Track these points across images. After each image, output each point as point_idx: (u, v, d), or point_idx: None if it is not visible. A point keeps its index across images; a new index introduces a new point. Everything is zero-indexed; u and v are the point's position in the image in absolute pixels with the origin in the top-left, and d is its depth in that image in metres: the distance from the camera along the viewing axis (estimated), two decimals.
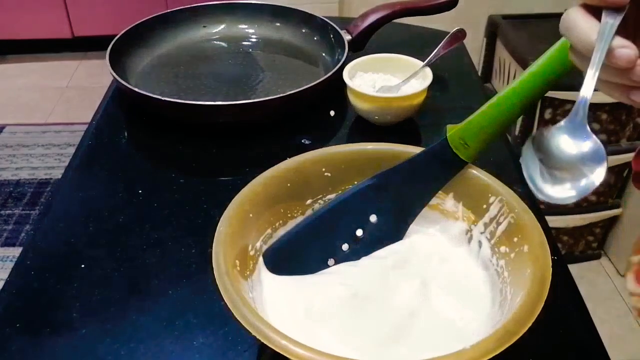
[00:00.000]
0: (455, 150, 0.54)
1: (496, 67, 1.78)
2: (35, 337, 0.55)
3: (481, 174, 0.55)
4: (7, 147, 2.15)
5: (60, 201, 0.72)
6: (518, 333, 0.42)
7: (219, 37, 1.03)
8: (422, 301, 0.51)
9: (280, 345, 0.41)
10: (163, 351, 0.54)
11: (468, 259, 0.56)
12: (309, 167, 0.58)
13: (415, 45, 0.95)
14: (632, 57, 0.37)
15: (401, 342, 0.48)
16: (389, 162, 0.57)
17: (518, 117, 0.52)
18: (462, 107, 0.85)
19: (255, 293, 0.51)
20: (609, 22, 0.38)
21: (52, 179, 1.99)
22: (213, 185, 0.74)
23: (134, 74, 0.92)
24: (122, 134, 0.85)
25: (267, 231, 0.55)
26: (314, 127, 0.83)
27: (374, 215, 0.57)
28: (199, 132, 0.82)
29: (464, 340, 0.43)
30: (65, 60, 2.64)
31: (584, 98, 0.40)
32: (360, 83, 0.82)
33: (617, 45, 0.37)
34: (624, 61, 0.37)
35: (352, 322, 0.50)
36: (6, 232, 1.80)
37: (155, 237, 0.65)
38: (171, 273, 0.61)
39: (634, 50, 0.37)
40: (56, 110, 2.35)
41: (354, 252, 0.57)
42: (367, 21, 0.95)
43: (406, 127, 0.82)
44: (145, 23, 0.98)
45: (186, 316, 0.56)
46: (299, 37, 1.01)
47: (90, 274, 0.61)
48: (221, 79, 0.94)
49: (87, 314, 0.57)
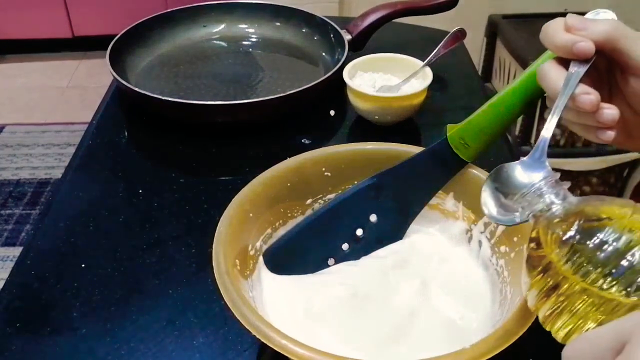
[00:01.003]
0: (456, 150, 0.54)
1: (496, 67, 1.78)
2: (35, 336, 0.55)
3: (481, 174, 0.55)
4: (7, 147, 2.15)
5: (61, 201, 0.72)
6: (518, 333, 0.42)
7: (219, 36, 1.03)
8: (422, 301, 0.51)
9: (281, 345, 0.41)
10: (163, 351, 0.54)
11: (468, 259, 0.56)
12: (309, 167, 0.58)
13: (416, 45, 0.95)
14: (595, 101, 0.42)
15: (401, 342, 0.48)
16: (389, 161, 0.57)
17: (518, 117, 0.52)
18: (462, 107, 0.85)
19: (255, 292, 0.51)
20: (574, 71, 0.44)
21: (52, 179, 1.99)
22: (213, 185, 0.74)
23: (134, 73, 0.92)
24: (122, 134, 0.85)
25: (267, 231, 0.55)
26: (314, 127, 0.83)
27: (374, 214, 0.57)
28: (199, 132, 0.82)
29: (463, 340, 0.43)
30: (65, 60, 2.63)
31: (544, 138, 0.44)
32: (360, 83, 0.82)
33: (580, 92, 0.43)
34: (587, 105, 0.42)
35: (352, 322, 0.50)
36: (6, 232, 1.80)
37: (155, 237, 0.65)
38: (171, 273, 0.61)
39: (596, 96, 0.43)
40: (56, 110, 2.34)
41: (354, 251, 0.57)
42: (367, 21, 0.95)
43: (406, 127, 0.82)
44: (145, 23, 0.98)
45: (186, 316, 0.56)
46: (299, 36, 1.01)
47: (91, 273, 0.61)
48: (221, 78, 0.94)
49: (87, 313, 0.57)
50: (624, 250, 0.34)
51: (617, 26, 0.44)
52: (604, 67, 0.47)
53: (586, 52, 0.43)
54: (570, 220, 0.37)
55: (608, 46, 0.43)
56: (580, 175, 1.57)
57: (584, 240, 0.35)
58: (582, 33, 0.44)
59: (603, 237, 0.35)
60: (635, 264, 0.33)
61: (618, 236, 0.34)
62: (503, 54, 1.69)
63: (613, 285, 0.33)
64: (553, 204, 0.40)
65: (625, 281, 0.33)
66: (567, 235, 0.37)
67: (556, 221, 0.38)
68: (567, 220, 0.38)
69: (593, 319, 0.34)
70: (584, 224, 0.36)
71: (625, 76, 0.45)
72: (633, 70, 0.44)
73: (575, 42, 0.43)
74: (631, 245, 0.34)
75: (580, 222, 0.37)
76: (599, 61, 0.46)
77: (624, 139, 0.48)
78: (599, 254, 0.34)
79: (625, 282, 0.33)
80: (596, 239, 0.35)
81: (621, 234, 0.34)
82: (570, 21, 0.44)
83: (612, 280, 0.33)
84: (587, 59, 0.44)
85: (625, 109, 0.46)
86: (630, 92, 0.45)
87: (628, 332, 0.27)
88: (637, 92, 0.44)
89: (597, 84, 0.46)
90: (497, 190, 0.44)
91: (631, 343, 0.27)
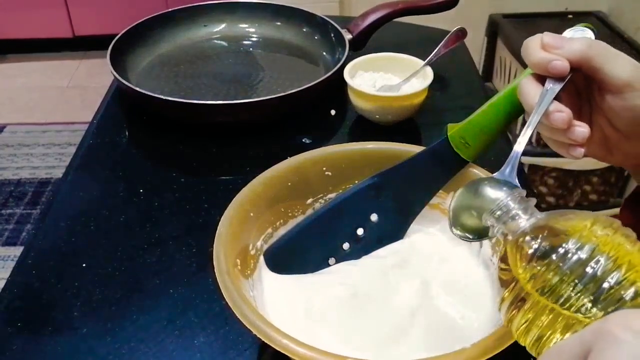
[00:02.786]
0: (456, 150, 0.54)
1: (497, 66, 1.78)
2: (36, 336, 0.55)
3: (482, 173, 0.55)
4: (8, 147, 2.15)
5: (61, 201, 0.72)
6: None
7: (220, 36, 1.03)
8: (422, 300, 0.51)
9: (281, 344, 0.41)
10: (164, 350, 0.54)
11: (468, 258, 0.56)
12: (309, 167, 0.58)
13: (416, 44, 0.95)
14: (566, 119, 0.43)
15: (401, 342, 0.48)
16: (389, 161, 0.57)
17: (519, 117, 0.52)
18: (463, 107, 0.85)
19: (256, 292, 0.51)
20: (550, 88, 0.45)
21: (52, 179, 1.99)
22: (213, 185, 0.74)
23: (135, 73, 0.92)
24: (122, 134, 0.85)
25: (268, 230, 0.55)
26: (314, 127, 0.83)
27: (375, 214, 0.57)
28: (199, 131, 0.82)
29: (464, 340, 0.43)
30: (65, 60, 2.64)
31: (516, 153, 0.46)
32: (361, 82, 0.82)
33: (553, 110, 0.44)
34: (559, 123, 0.44)
35: (352, 322, 0.50)
36: (7, 232, 1.80)
37: (156, 237, 0.65)
38: (172, 272, 0.61)
39: (568, 113, 0.44)
40: (57, 110, 2.35)
41: (355, 251, 0.57)
42: (368, 20, 0.95)
43: (407, 127, 0.82)
44: (145, 22, 0.98)
45: (187, 315, 0.57)
46: (299, 36, 1.01)
47: (91, 273, 0.61)
48: (222, 78, 0.94)
49: (87, 313, 0.57)
50: (587, 259, 0.34)
51: (592, 45, 0.44)
52: (583, 84, 0.48)
53: (560, 70, 0.44)
54: (535, 235, 0.38)
55: (584, 64, 0.44)
56: (581, 174, 1.57)
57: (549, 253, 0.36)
58: (558, 52, 0.45)
59: (566, 248, 0.35)
60: (598, 272, 0.34)
61: (580, 246, 0.35)
62: (504, 53, 1.70)
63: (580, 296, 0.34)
64: (520, 220, 0.40)
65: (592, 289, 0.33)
66: (531, 250, 0.37)
67: (522, 238, 0.39)
68: (533, 235, 0.38)
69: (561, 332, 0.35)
70: (548, 238, 0.37)
71: (602, 93, 0.46)
72: (609, 88, 0.45)
73: (550, 60, 0.44)
74: (593, 255, 0.34)
75: (544, 236, 0.37)
76: (579, 78, 0.47)
77: (605, 154, 0.49)
78: (561, 265, 0.35)
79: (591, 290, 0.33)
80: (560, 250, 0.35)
81: (583, 244, 0.35)
82: (547, 39, 0.45)
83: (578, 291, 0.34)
84: (562, 77, 0.45)
85: (605, 125, 0.47)
86: (607, 109, 0.46)
87: (590, 342, 0.28)
88: (613, 109, 0.45)
89: (576, 100, 0.48)
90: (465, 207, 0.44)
91: (593, 351, 0.28)
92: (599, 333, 0.28)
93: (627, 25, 1.69)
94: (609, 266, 0.34)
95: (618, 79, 0.43)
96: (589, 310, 0.33)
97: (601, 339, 0.28)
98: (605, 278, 0.33)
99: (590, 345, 0.28)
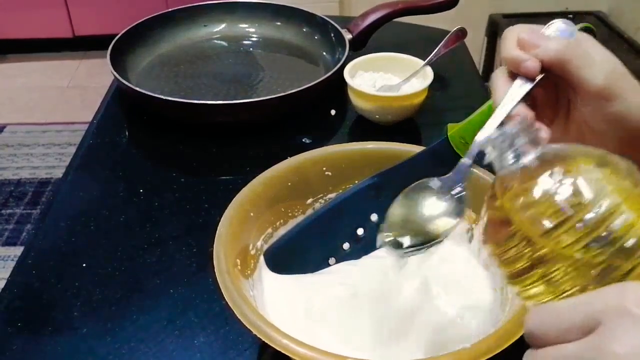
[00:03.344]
0: (456, 150, 0.54)
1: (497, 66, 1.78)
2: (36, 336, 0.55)
3: (482, 173, 0.55)
4: (8, 147, 2.15)
5: (61, 201, 0.72)
6: (518, 333, 0.41)
7: (220, 36, 1.03)
8: (422, 300, 0.51)
9: (282, 344, 0.41)
10: (164, 350, 0.54)
11: (468, 258, 0.56)
12: (309, 167, 0.58)
13: (416, 44, 0.95)
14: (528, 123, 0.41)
15: (401, 342, 0.48)
16: (389, 161, 0.57)
17: None
18: (463, 107, 0.84)
19: (256, 292, 0.51)
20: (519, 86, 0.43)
21: (52, 179, 1.99)
22: (213, 185, 0.74)
23: (135, 73, 0.93)
24: (122, 134, 0.85)
25: (268, 230, 0.55)
26: (314, 127, 0.83)
27: (375, 214, 0.57)
28: (199, 132, 0.82)
29: (464, 340, 0.43)
30: (65, 60, 2.63)
31: (477, 142, 0.44)
32: (361, 82, 0.82)
33: (516, 113, 0.42)
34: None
35: (352, 322, 0.50)
36: (7, 232, 1.80)
37: (156, 237, 0.65)
38: (172, 272, 0.61)
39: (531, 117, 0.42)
40: (57, 110, 2.34)
41: (355, 251, 0.57)
42: (368, 20, 0.95)
43: (407, 127, 0.82)
44: (145, 22, 0.98)
45: (187, 315, 0.57)
46: (299, 36, 1.01)
47: (91, 273, 0.61)
48: (221, 78, 0.94)
49: (87, 313, 0.57)
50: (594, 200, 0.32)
51: (570, 46, 0.42)
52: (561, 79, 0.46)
53: (530, 72, 0.43)
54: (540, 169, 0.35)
55: (558, 66, 0.42)
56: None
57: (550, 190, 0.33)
58: (532, 51, 0.43)
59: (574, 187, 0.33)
60: (601, 212, 0.31)
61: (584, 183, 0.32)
62: None
63: (581, 236, 0.31)
64: (523, 153, 0.37)
65: (594, 229, 0.31)
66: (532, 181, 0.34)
67: (517, 174, 0.36)
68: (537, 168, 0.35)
69: (547, 267, 0.32)
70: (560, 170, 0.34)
71: (576, 95, 0.44)
72: (581, 94, 0.43)
73: (523, 60, 0.43)
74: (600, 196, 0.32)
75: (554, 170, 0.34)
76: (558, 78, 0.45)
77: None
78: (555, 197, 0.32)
79: (593, 229, 0.31)
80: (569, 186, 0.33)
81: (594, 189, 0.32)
82: (523, 36, 0.43)
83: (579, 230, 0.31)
84: (531, 75, 0.43)
85: (581, 123, 0.45)
86: (582, 110, 0.44)
87: (599, 313, 0.27)
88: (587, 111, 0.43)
89: (553, 92, 0.46)
90: (400, 215, 0.44)
91: (604, 326, 0.26)
92: (613, 308, 0.27)
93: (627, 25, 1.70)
94: (615, 209, 0.31)
95: (593, 85, 0.41)
96: (589, 250, 0.31)
97: (616, 315, 0.26)
98: (611, 219, 0.31)
99: (600, 319, 0.27)
